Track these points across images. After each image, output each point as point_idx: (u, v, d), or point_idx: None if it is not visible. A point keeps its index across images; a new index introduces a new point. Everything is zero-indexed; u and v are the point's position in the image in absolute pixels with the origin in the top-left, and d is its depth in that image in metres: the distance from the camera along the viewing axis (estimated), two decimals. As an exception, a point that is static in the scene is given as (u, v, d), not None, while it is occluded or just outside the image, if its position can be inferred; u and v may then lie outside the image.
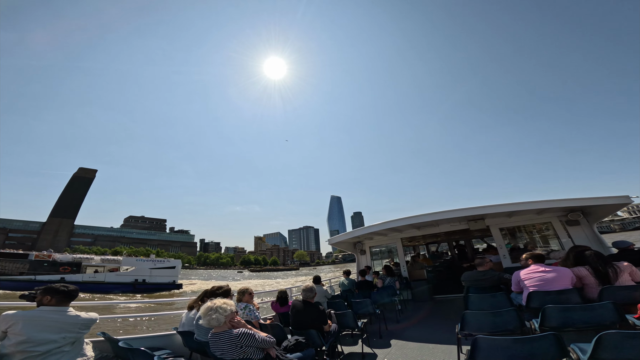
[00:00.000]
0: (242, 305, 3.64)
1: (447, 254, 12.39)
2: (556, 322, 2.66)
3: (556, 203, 5.35)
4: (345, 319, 4.14)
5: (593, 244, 5.80)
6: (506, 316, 2.84)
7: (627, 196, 4.72)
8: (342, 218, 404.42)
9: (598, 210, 5.73)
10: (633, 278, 3.12)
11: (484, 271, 4.25)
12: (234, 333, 2.24)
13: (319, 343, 3.28)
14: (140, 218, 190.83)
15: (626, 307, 2.70)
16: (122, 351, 2.55)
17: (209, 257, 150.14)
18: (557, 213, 6.32)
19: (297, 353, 2.95)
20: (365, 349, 4.05)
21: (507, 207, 5.55)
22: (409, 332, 4.71)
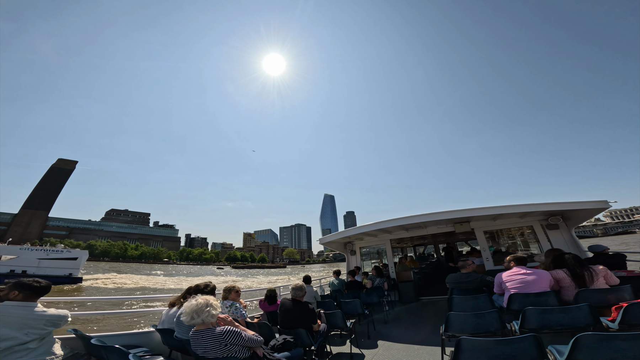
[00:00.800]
0: (227, 303, 3.58)
1: (433, 256, 12.62)
2: (535, 324, 2.73)
3: (538, 207, 5.54)
4: (334, 318, 4.14)
5: (571, 247, 6.03)
6: (488, 318, 2.92)
7: (606, 201, 4.87)
8: (335, 217, 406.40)
9: (577, 214, 5.93)
10: (608, 282, 3.25)
11: (467, 273, 4.35)
12: (217, 331, 2.19)
13: (307, 342, 3.26)
14: (123, 211, 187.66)
15: (600, 309, 2.80)
16: (95, 349, 2.46)
17: (192, 253, 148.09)
18: (539, 217, 6.54)
19: (285, 352, 2.91)
20: (354, 349, 4.09)
21: (492, 210, 5.71)
22: (395, 332, 4.79)
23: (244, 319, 3.50)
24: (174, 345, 2.98)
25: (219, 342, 2.16)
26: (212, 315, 2.25)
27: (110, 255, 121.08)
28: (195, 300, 2.28)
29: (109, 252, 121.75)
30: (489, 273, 5.43)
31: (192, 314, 2.20)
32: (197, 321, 2.21)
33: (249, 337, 2.34)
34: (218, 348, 2.16)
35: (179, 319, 2.65)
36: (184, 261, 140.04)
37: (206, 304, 2.25)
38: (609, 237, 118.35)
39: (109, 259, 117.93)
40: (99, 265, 72.77)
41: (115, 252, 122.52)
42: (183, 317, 2.26)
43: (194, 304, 2.24)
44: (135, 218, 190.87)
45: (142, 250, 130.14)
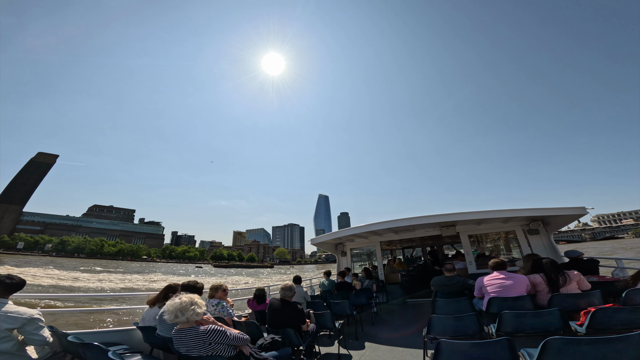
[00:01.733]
0: (214, 301, 3.57)
1: (420, 259, 12.92)
2: (510, 327, 2.85)
3: (520, 212, 5.76)
4: (323, 319, 4.21)
5: (549, 252, 6.28)
6: (467, 321, 3.03)
7: (583, 207, 5.12)
8: (329, 217, 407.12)
9: (557, 220, 6.19)
10: (580, 286, 3.40)
11: (450, 277, 4.48)
12: (201, 329, 2.19)
13: (296, 342, 3.28)
14: (107, 208, 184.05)
15: (571, 314, 2.93)
16: (72, 346, 2.42)
17: (175, 250, 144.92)
18: (521, 222, 6.78)
19: (272, 352, 2.93)
20: (342, 350, 4.18)
21: (477, 215, 5.93)
22: (382, 334, 4.89)
23: (231, 318, 3.48)
24: (156, 343, 2.95)
25: (203, 340, 2.16)
26: (197, 313, 2.23)
27: (85, 252, 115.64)
28: (179, 299, 2.26)
29: (83, 248, 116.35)
30: (472, 277, 5.56)
31: (176, 312, 2.18)
32: (182, 319, 2.19)
33: (234, 335, 2.33)
34: (202, 347, 2.16)
35: (162, 317, 2.63)
36: (167, 259, 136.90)
37: (191, 303, 2.23)
38: (596, 241, 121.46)
39: (85, 256, 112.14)
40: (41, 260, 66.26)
41: (90, 249, 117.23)
42: (166, 315, 2.24)
43: (177, 303, 2.22)
44: (119, 215, 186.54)
45: (120, 247, 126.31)
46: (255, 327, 3.44)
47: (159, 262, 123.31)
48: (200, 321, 2.29)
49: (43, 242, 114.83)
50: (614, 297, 3.25)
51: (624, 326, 2.51)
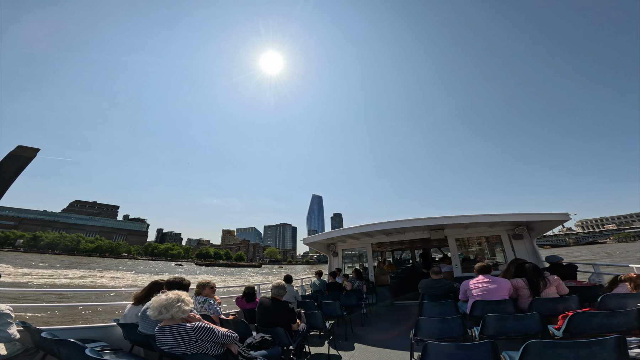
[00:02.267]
0: (201, 298, 3.50)
1: (408, 262, 13.12)
2: (493, 330, 2.94)
3: (506, 217, 5.92)
4: (314, 319, 4.21)
5: (532, 257, 6.48)
6: (452, 323, 3.10)
7: (566, 214, 5.30)
8: (322, 218, 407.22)
9: (541, 225, 6.38)
10: (559, 291, 3.54)
11: (437, 279, 4.61)
12: (187, 326, 2.15)
13: (286, 342, 3.27)
14: (89, 203, 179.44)
15: (550, 317, 3.04)
16: (46, 343, 2.34)
17: (158, 248, 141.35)
18: (507, 227, 6.98)
19: (262, 350, 2.90)
20: (331, 350, 4.22)
21: (464, 219, 6.08)
22: (371, 335, 4.96)
23: (218, 316, 3.43)
24: (137, 340, 2.87)
25: (189, 338, 2.12)
26: (183, 311, 2.20)
27: (59, 248, 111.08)
28: (165, 295, 2.21)
29: (57, 244, 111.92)
30: (457, 280, 5.68)
31: (161, 308, 2.14)
32: (166, 316, 2.14)
33: (222, 333, 2.30)
34: (187, 344, 2.12)
35: (145, 313, 2.58)
36: (148, 257, 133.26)
37: (177, 300, 2.19)
38: (579, 246, 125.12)
39: (60, 252, 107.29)
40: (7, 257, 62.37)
41: (65, 245, 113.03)
42: (150, 311, 2.19)
43: (163, 299, 2.18)
44: (101, 211, 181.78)
45: (98, 244, 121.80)
46: (244, 326, 3.41)
47: (139, 259, 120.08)
48: (186, 318, 2.25)
49: (14, 238, 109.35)
50: (590, 302, 3.36)
51: (598, 330, 2.61)
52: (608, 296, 3.20)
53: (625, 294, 3.28)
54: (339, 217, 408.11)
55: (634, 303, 2.99)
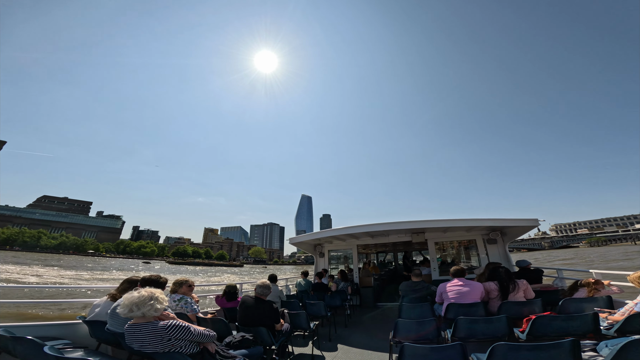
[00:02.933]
0: (177, 296, 3.44)
1: (391, 264, 13.58)
2: (464, 332, 3.08)
3: (482, 222, 6.22)
4: (298, 319, 4.21)
5: (503, 261, 6.84)
6: (427, 325, 3.21)
7: (536, 219, 5.59)
8: (311, 218, 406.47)
9: (513, 230, 6.74)
10: (526, 295, 3.75)
11: (416, 282, 4.81)
12: (160, 325, 2.10)
13: (268, 341, 3.26)
14: (59, 199, 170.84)
15: (516, 321, 3.22)
16: (1, 340, 2.26)
17: (131, 245, 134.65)
18: (482, 231, 7.30)
19: (242, 350, 2.85)
20: (315, 351, 4.28)
21: (443, 223, 6.31)
22: (354, 337, 5.06)
23: (195, 314, 3.38)
24: (104, 338, 2.78)
25: (161, 336, 2.08)
26: (156, 309, 2.14)
27: (18, 244, 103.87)
28: (137, 293, 2.16)
29: (15, 240, 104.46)
30: (435, 283, 5.93)
31: (132, 306, 2.08)
32: (137, 314, 2.09)
33: (198, 332, 2.27)
34: (159, 342, 2.08)
35: (115, 310, 2.52)
36: (120, 254, 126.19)
37: (150, 297, 2.14)
38: (554, 250, 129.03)
39: (19, 249, 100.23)
40: None
41: (23, 241, 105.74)
42: (120, 309, 2.13)
43: (135, 296, 2.12)
44: (72, 207, 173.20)
45: (62, 240, 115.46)
46: (223, 325, 3.35)
47: (108, 257, 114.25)
48: (159, 316, 2.20)
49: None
50: (552, 306, 3.63)
51: (558, 333, 2.78)
52: (568, 300, 3.45)
53: (583, 298, 3.55)
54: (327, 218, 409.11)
55: (591, 307, 3.25)
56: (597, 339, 2.69)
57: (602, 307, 3.30)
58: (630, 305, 2.71)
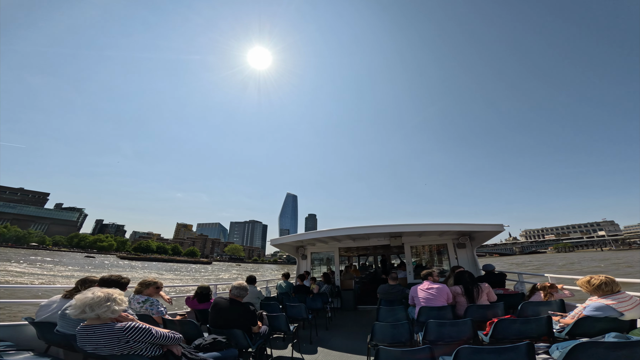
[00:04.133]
0: (141, 298, 3.29)
1: (371, 267, 13.84)
2: (433, 335, 3.20)
3: (453, 227, 6.52)
4: (277, 322, 4.18)
5: (471, 265, 7.19)
6: (401, 329, 3.32)
7: (502, 225, 5.86)
8: (295, 217, 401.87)
9: (481, 235, 7.11)
10: (489, 298, 3.98)
11: (392, 285, 4.96)
12: (117, 326, 2.02)
13: (244, 344, 3.17)
14: (11, 189, 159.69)
15: (480, 324, 3.41)
16: None
17: (86, 239, 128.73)
18: (453, 236, 7.62)
19: (213, 352, 2.77)
20: (295, 354, 4.30)
21: (418, 227, 6.55)
22: (334, 339, 5.10)
23: (161, 316, 3.27)
24: (55, 340, 2.66)
25: (119, 338, 2.00)
26: (113, 310, 2.06)
27: None
28: (91, 293, 2.05)
29: None
30: (410, 286, 6.27)
31: (84, 307, 1.99)
32: (90, 315, 2.00)
33: (161, 334, 2.20)
34: (116, 344, 2.00)
35: (65, 312, 2.41)
36: (74, 248, 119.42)
37: (106, 299, 2.05)
38: (524, 255, 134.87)
39: None
40: None
41: None
42: (71, 310, 2.03)
43: (89, 297, 2.02)
44: (25, 197, 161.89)
45: (1, 232, 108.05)
46: (193, 327, 3.25)
47: (55, 250, 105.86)
48: (117, 318, 2.12)
49: None
50: (513, 309, 3.84)
51: (517, 336, 2.94)
52: (526, 304, 3.69)
53: (539, 301, 3.82)
54: (313, 218, 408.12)
55: (546, 311, 3.50)
56: (550, 341, 2.90)
57: (555, 310, 3.56)
58: (579, 309, 2.89)
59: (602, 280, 2.81)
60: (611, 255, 68.96)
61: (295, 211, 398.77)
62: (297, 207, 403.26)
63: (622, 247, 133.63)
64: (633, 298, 2.72)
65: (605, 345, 2.12)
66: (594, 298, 2.84)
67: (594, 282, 2.84)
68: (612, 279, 2.83)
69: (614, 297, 2.72)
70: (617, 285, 2.82)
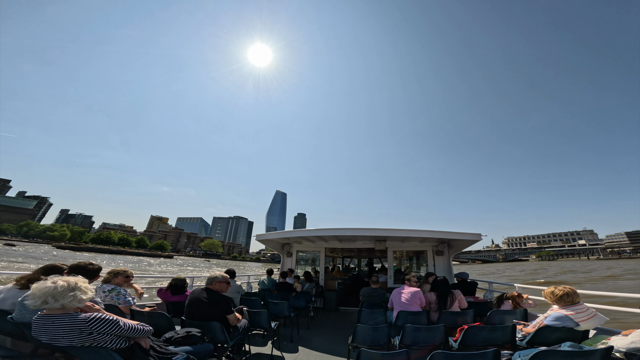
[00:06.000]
0: (108, 287, 3.15)
1: (355, 270, 14.16)
2: (409, 340, 3.31)
3: (434, 234, 6.72)
4: (258, 318, 4.12)
5: (447, 272, 7.51)
6: (380, 332, 3.41)
7: (479, 234, 6.06)
8: (284, 215, 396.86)
9: (458, 243, 7.40)
10: (460, 305, 4.18)
11: (374, 288, 5.09)
12: (81, 317, 1.93)
13: (222, 338, 3.06)
14: None
15: (451, 330, 3.56)
16: None
17: (36, 228, 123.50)
18: (433, 243, 7.87)
19: (185, 346, 2.66)
20: (275, 351, 4.28)
21: (402, 233, 6.78)
22: (316, 339, 5.11)
23: (129, 306, 3.15)
24: (6, 329, 2.54)
25: (81, 329, 1.91)
26: (80, 299, 1.97)
27: None
28: (51, 282, 1.95)
29: None
30: (390, 290, 6.17)
31: (46, 297, 1.89)
32: (54, 306, 1.91)
33: (129, 326, 2.10)
34: (77, 335, 1.92)
35: (24, 301, 2.24)
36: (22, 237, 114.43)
37: (70, 288, 1.96)
38: (506, 262, 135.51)
39: None
40: None
41: None
42: (30, 300, 1.93)
43: (50, 287, 1.92)
44: None
45: None
46: (164, 319, 3.13)
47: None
48: (82, 308, 2.04)
49: None
50: (482, 317, 4.05)
51: (484, 343, 3.07)
52: (494, 312, 3.90)
53: (507, 310, 4.04)
54: (302, 217, 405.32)
55: (511, 319, 3.73)
56: (513, 349, 3.09)
57: (519, 319, 3.79)
58: (540, 318, 3.10)
59: (565, 291, 3.00)
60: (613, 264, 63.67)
61: (284, 209, 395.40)
62: (286, 205, 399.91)
63: (611, 256, 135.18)
64: (590, 309, 2.92)
65: (561, 354, 2.28)
66: (555, 308, 3.03)
67: (558, 292, 3.03)
68: (574, 290, 3.02)
69: (573, 308, 2.91)
70: (578, 296, 3.02)
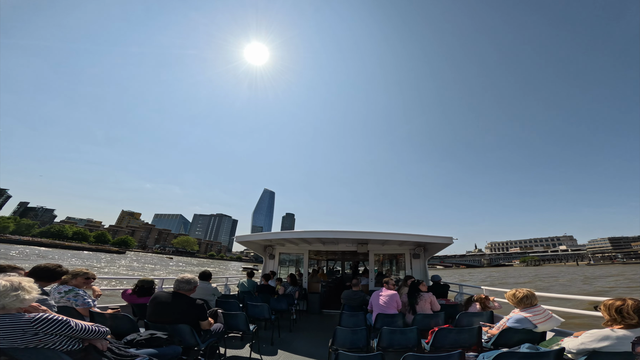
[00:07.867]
0: (64, 287, 3.05)
1: (338, 273, 14.43)
2: (386, 342, 3.42)
3: (411, 237, 6.94)
4: (235, 320, 4.07)
5: (422, 275, 7.78)
6: (359, 334, 3.47)
7: (451, 237, 6.26)
8: (271, 215, 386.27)
9: (433, 246, 7.69)
10: (432, 308, 4.36)
11: (356, 291, 5.21)
12: (26, 317, 1.90)
13: (192, 341, 3.00)
14: None
15: (424, 332, 3.70)
16: None
17: None
18: (410, 246, 7.97)
19: (149, 349, 2.62)
20: (253, 354, 4.20)
21: (382, 236, 6.99)
22: (297, 342, 5.08)
23: (87, 308, 3.09)
24: None
25: (24, 330, 1.88)
26: (23, 300, 1.94)
27: None
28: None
29: None
30: (371, 293, 6.70)
31: None
32: None
33: (82, 327, 2.07)
34: (20, 337, 1.88)
35: None
36: None
37: (13, 287, 1.92)
38: (491, 267, 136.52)
39: None
40: None
41: None
42: None
43: None
44: None
45: None
46: (127, 321, 3.09)
47: None
48: (26, 308, 2.01)
49: None
50: (452, 319, 4.22)
51: (452, 345, 3.18)
52: (463, 314, 4.09)
53: (474, 312, 4.24)
54: (291, 217, 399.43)
55: (478, 321, 3.91)
56: (478, 350, 3.26)
57: (485, 321, 4.01)
58: (503, 320, 3.30)
59: (524, 293, 3.20)
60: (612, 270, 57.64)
61: (271, 208, 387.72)
62: (274, 204, 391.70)
63: (602, 261, 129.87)
64: (546, 312, 3.12)
65: (519, 355, 2.47)
66: (516, 310, 3.23)
67: (518, 295, 3.24)
68: (533, 292, 3.22)
69: (531, 310, 3.11)
70: (536, 298, 3.22)
